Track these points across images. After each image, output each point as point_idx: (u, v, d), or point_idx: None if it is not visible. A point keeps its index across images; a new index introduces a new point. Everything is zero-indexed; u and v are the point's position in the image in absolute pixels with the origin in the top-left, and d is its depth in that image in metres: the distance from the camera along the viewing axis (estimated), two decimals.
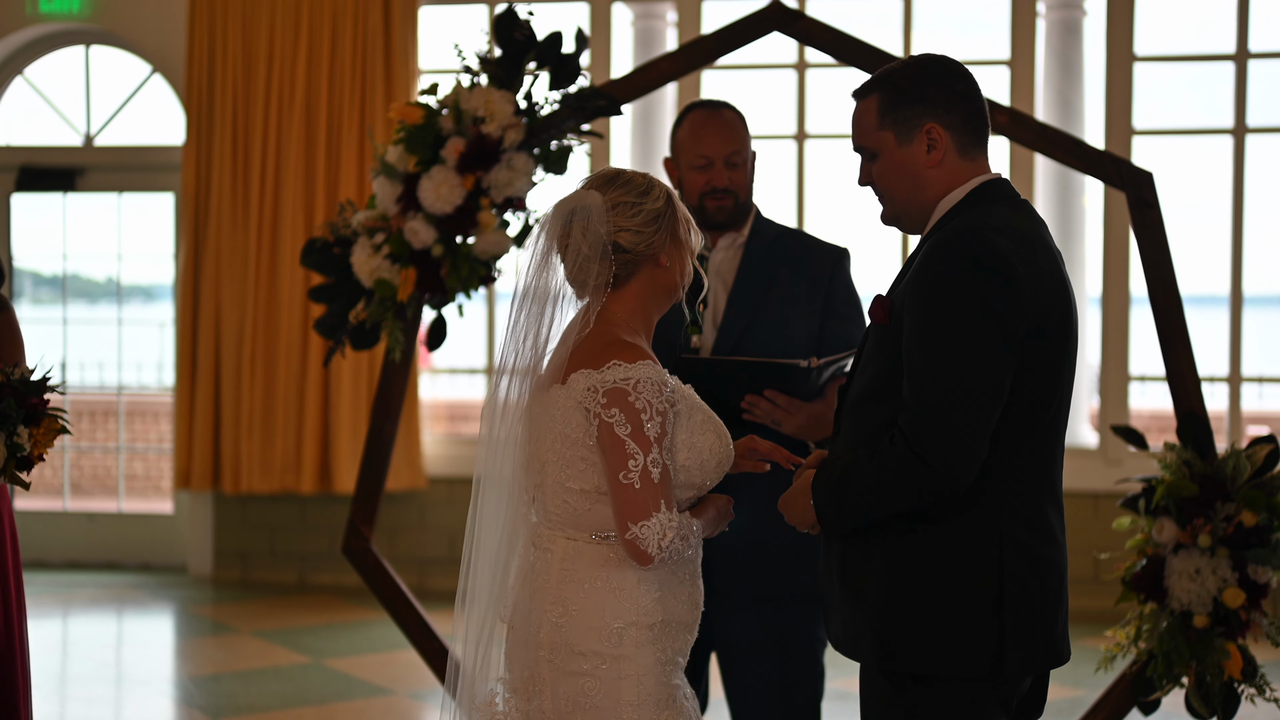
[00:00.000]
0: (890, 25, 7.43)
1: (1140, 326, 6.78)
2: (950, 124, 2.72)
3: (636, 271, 2.74)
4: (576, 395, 2.65)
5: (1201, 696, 3.88)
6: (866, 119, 2.77)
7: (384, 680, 6.03)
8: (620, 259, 2.72)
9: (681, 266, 2.78)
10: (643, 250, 2.73)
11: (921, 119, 2.72)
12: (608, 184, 2.75)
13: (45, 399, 3.45)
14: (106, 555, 8.19)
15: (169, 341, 8.45)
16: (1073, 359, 2.72)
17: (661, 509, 2.62)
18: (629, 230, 2.72)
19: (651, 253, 2.74)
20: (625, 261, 2.73)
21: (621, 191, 2.73)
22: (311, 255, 4.21)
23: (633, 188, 2.74)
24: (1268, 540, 3.85)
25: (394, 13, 7.40)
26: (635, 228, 2.72)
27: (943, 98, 2.72)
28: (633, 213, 2.72)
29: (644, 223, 2.72)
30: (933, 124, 2.72)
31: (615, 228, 2.71)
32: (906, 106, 2.72)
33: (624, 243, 2.72)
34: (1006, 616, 2.63)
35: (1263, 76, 7.42)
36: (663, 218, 2.74)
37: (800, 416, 3.34)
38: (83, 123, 8.18)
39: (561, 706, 2.67)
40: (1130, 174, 4.11)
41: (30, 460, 3.39)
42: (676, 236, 2.76)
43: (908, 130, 2.72)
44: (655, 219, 2.73)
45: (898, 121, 2.72)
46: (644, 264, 2.74)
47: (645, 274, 2.75)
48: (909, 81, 2.73)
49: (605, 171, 2.78)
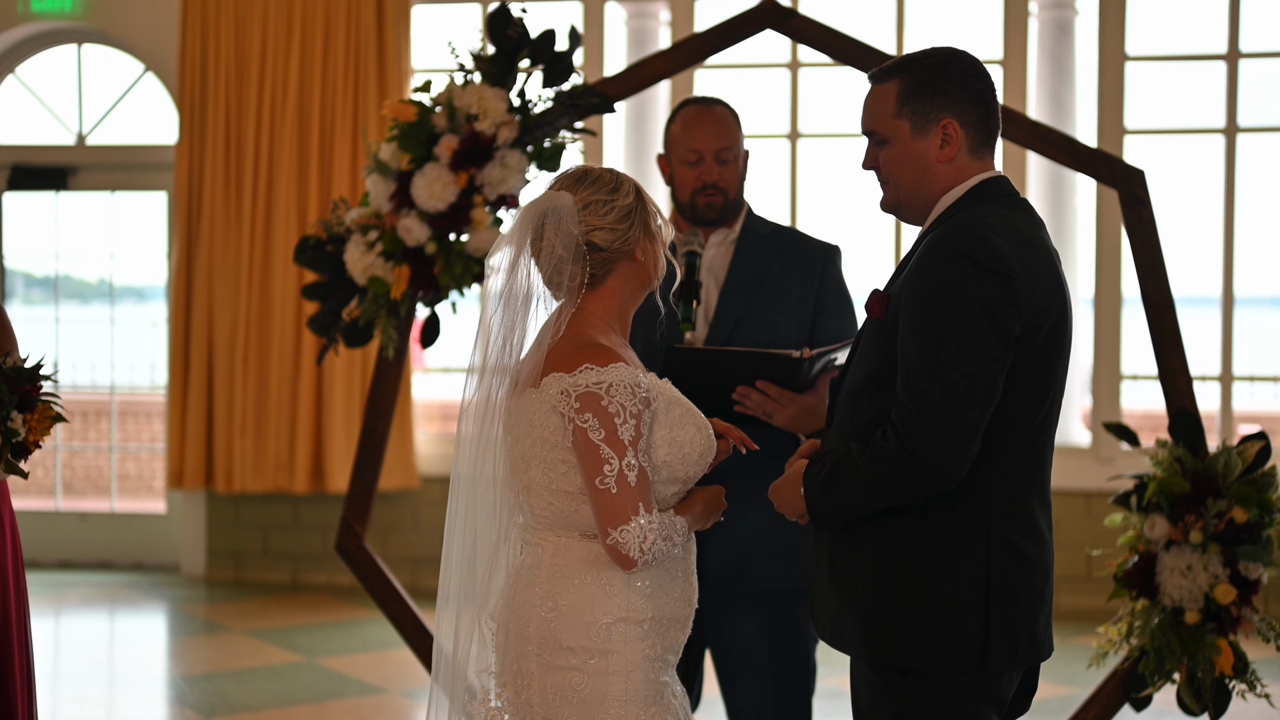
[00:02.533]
0: (883, 23, 7.44)
1: (1132, 325, 6.80)
2: (967, 121, 2.73)
3: (613, 269, 2.74)
4: (551, 399, 2.65)
5: (1193, 692, 3.89)
6: (883, 104, 2.75)
7: (377, 679, 6.03)
8: (596, 258, 2.72)
9: (655, 259, 2.78)
10: (618, 247, 2.72)
11: (941, 113, 2.71)
12: (577, 183, 2.74)
13: (38, 386, 3.43)
14: (99, 555, 8.18)
15: (162, 341, 8.44)
16: (1066, 359, 2.72)
17: (641, 512, 2.61)
18: (603, 229, 2.71)
19: (627, 249, 2.73)
20: (601, 260, 2.72)
21: (591, 190, 2.72)
22: (304, 253, 4.21)
23: (602, 185, 2.73)
24: (1258, 536, 3.86)
25: (387, 11, 7.40)
26: (609, 225, 2.71)
27: (964, 95, 2.72)
28: (605, 210, 2.71)
29: (617, 220, 2.72)
30: (950, 119, 2.71)
31: (589, 227, 2.71)
32: (927, 98, 2.71)
33: (599, 241, 2.71)
34: (992, 612, 2.64)
35: (1254, 76, 7.44)
36: (635, 213, 2.73)
37: (792, 408, 3.35)
38: (75, 121, 8.18)
39: (549, 701, 2.67)
40: (1122, 171, 4.12)
41: (26, 447, 3.38)
42: (649, 230, 2.76)
43: (925, 122, 2.72)
44: (628, 215, 2.72)
45: (916, 111, 2.72)
46: (620, 260, 2.73)
47: (622, 270, 2.74)
48: (932, 73, 2.72)
49: (572, 170, 2.77)
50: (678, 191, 3.69)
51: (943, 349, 2.56)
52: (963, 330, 2.56)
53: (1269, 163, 9.19)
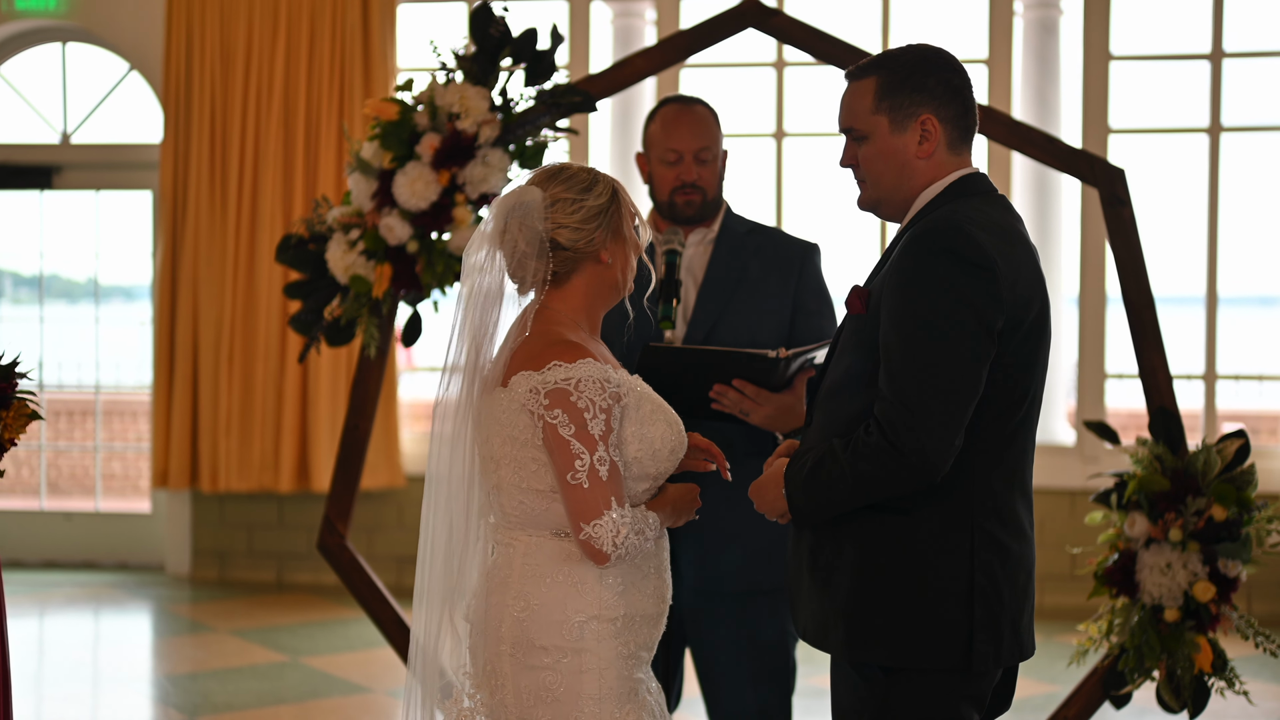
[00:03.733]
0: (868, 23, 7.46)
1: (1116, 325, 6.81)
2: (945, 118, 2.73)
3: (577, 268, 2.73)
4: (519, 397, 2.65)
5: (1172, 690, 3.91)
6: (861, 101, 2.75)
7: (361, 678, 6.03)
8: (559, 256, 2.71)
9: (624, 263, 2.76)
10: (582, 247, 2.71)
11: (919, 109, 2.71)
12: (549, 180, 2.73)
13: (14, 384, 3.42)
14: (84, 554, 8.17)
15: (147, 340, 8.43)
16: (1046, 354, 2.73)
17: (613, 506, 2.61)
18: (567, 227, 2.71)
19: (592, 250, 2.72)
20: (565, 259, 2.72)
21: (563, 188, 2.72)
22: (286, 251, 4.21)
23: (575, 183, 2.72)
24: (1237, 534, 3.87)
25: (372, 10, 7.40)
26: (574, 224, 2.71)
27: (941, 91, 2.72)
28: (572, 209, 2.71)
29: (583, 220, 2.71)
30: (929, 115, 2.71)
31: (554, 224, 2.70)
32: (905, 94, 2.71)
33: (562, 240, 2.71)
34: (976, 609, 2.63)
35: (1238, 76, 7.46)
36: (604, 214, 2.72)
37: (768, 407, 3.35)
38: (60, 120, 8.16)
39: (523, 700, 2.67)
40: (1103, 171, 4.13)
41: (2, 445, 3.37)
42: (620, 233, 2.75)
43: (903, 118, 2.72)
44: (596, 215, 2.71)
45: (894, 108, 2.71)
46: (585, 261, 2.73)
47: (587, 271, 2.74)
48: (909, 69, 2.72)
49: (549, 167, 2.77)
50: (656, 190, 3.69)
51: (926, 343, 2.56)
52: (946, 324, 2.56)
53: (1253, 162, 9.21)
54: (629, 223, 2.77)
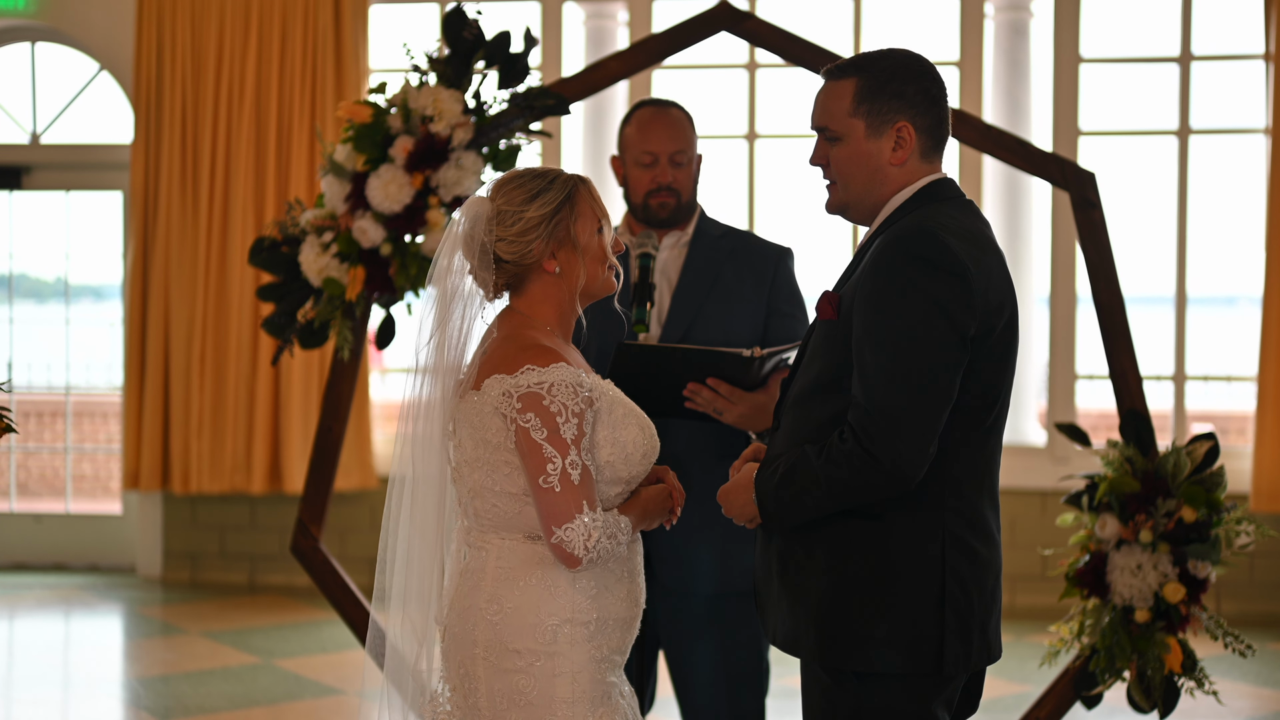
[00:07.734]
0: (841, 25, 7.48)
1: (1087, 326, 6.85)
2: (921, 126, 2.72)
3: (528, 277, 2.73)
4: (492, 401, 2.64)
5: (1143, 690, 3.94)
6: (839, 102, 2.74)
7: (334, 680, 6.02)
8: (501, 269, 2.72)
9: (575, 270, 2.74)
10: (518, 260, 2.71)
11: (897, 115, 2.71)
12: (498, 190, 2.73)
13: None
14: (54, 556, 8.12)
15: (118, 341, 8.38)
16: (1014, 359, 2.74)
17: (585, 510, 2.61)
18: (505, 240, 2.70)
19: (531, 261, 2.71)
20: (507, 270, 2.72)
21: (506, 199, 2.71)
22: (259, 254, 4.20)
23: (521, 194, 2.71)
24: (1207, 536, 3.91)
25: (344, 11, 7.38)
26: (511, 237, 2.70)
27: (920, 100, 2.72)
28: (511, 222, 2.70)
29: (520, 233, 2.70)
30: (906, 123, 2.71)
31: (495, 238, 2.71)
32: (884, 100, 2.70)
33: (501, 253, 2.71)
34: (947, 613, 2.64)
35: (1206, 79, 7.51)
36: (546, 223, 2.70)
37: (742, 406, 3.35)
38: (29, 120, 8.11)
39: (496, 703, 2.68)
40: (1074, 174, 4.16)
41: None
42: (568, 240, 2.72)
43: (881, 123, 2.71)
44: (535, 227, 2.70)
45: (872, 112, 2.71)
46: (530, 272, 2.73)
47: (541, 280, 2.73)
48: (890, 75, 2.71)
49: (508, 174, 2.77)
50: (631, 193, 3.70)
51: (900, 349, 2.56)
52: (919, 330, 2.56)
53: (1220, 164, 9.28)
54: (587, 225, 2.75)
